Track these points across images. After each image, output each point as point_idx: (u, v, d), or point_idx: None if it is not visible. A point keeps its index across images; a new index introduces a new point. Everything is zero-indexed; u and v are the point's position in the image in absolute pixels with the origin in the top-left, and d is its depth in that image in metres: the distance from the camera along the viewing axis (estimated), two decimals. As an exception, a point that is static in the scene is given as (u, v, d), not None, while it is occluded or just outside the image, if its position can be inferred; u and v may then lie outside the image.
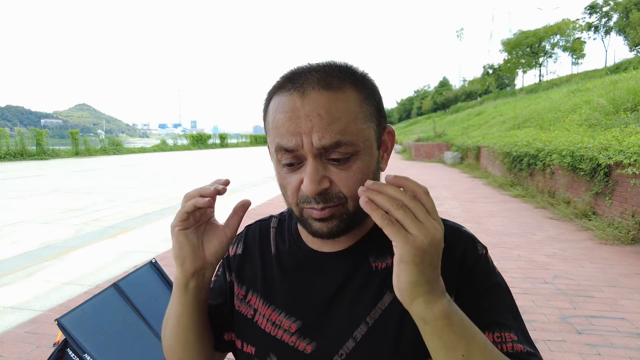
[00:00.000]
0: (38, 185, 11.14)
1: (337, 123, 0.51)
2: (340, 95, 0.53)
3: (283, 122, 0.53)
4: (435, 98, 64.95)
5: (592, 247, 4.63)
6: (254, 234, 0.74)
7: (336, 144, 0.51)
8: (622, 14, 31.07)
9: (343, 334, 0.59)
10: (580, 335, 2.61)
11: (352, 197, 0.55)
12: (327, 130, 0.51)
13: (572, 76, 31.46)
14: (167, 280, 2.83)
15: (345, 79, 0.55)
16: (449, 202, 7.73)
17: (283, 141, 0.53)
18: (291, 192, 0.56)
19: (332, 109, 0.52)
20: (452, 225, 0.64)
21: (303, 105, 0.52)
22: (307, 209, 0.56)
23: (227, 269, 0.73)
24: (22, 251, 4.74)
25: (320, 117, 0.51)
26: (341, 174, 0.53)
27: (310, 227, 0.57)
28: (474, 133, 18.99)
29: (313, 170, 0.52)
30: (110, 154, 27.49)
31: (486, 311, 0.57)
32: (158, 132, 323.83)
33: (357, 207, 0.55)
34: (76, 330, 1.76)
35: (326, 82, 0.53)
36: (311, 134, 0.51)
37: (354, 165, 0.54)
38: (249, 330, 0.66)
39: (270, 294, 0.66)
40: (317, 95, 0.52)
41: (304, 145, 0.52)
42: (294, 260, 0.66)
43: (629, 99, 8.66)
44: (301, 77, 0.54)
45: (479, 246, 0.62)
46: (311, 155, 0.52)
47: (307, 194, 0.54)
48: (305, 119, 0.51)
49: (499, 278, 0.61)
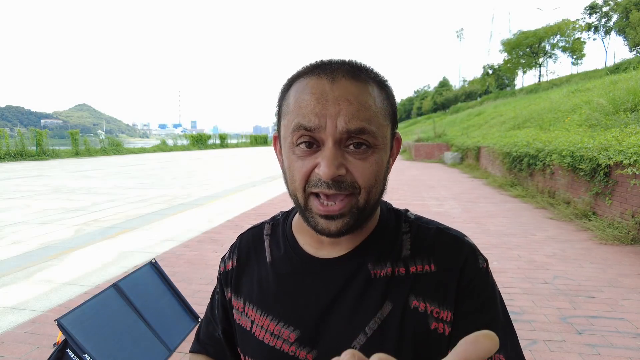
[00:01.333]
0: (38, 185, 11.14)
1: (364, 111, 0.52)
2: (367, 88, 0.54)
3: (308, 102, 0.52)
4: (435, 98, 64.97)
5: (592, 247, 4.63)
6: (248, 244, 0.72)
7: (361, 130, 0.51)
8: (622, 14, 31.08)
9: (342, 343, 0.58)
10: (580, 335, 2.61)
11: (365, 188, 0.54)
12: (354, 115, 0.51)
13: (572, 76, 31.48)
14: (167, 281, 2.83)
15: (370, 76, 0.56)
16: (449, 202, 7.73)
17: (304, 120, 0.52)
18: (300, 177, 0.54)
19: (361, 97, 0.52)
20: (454, 233, 0.63)
21: (332, 90, 0.52)
22: (313, 199, 0.54)
23: (224, 285, 0.72)
24: (22, 251, 4.73)
25: (349, 102, 0.52)
26: (358, 163, 0.53)
27: (316, 225, 0.55)
28: (473, 133, 19.00)
29: (332, 154, 0.51)
30: (110, 154, 27.49)
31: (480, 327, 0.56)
32: (158, 132, 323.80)
33: (367, 200, 0.55)
34: (76, 331, 1.76)
35: (355, 74, 0.54)
36: (337, 117, 0.51)
37: (371, 157, 0.53)
38: (248, 343, 0.65)
39: (267, 304, 0.64)
40: (346, 83, 0.53)
41: (327, 128, 0.51)
42: (290, 266, 0.64)
43: (628, 99, 8.66)
44: (331, 65, 0.55)
45: (480, 259, 0.61)
46: (332, 139, 0.51)
47: (322, 178, 0.52)
48: (333, 103, 0.51)
49: (495, 293, 0.60)
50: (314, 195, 0.54)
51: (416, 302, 0.57)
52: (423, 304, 0.57)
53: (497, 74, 48.30)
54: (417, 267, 0.59)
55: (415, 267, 0.59)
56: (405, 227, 0.64)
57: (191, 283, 3.56)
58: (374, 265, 0.60)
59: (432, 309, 0.57)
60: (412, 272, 0.59)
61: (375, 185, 0.55)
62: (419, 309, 0.57)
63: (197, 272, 3.86)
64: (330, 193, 0.52)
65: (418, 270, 0.59)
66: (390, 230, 0.63)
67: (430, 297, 0.57)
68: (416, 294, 0.58)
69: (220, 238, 5.18)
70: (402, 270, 0.59)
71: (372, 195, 0.55)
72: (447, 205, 7.42)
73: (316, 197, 0.54)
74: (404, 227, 0.64)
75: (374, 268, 0.60)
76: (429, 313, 0.57)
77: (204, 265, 4.08)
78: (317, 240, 0.63)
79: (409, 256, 0.60)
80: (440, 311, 0.57)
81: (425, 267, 0.59)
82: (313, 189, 0.54)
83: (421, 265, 0.59)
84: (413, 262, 0.60)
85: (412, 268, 0.59)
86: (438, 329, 0.56)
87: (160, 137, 54.87)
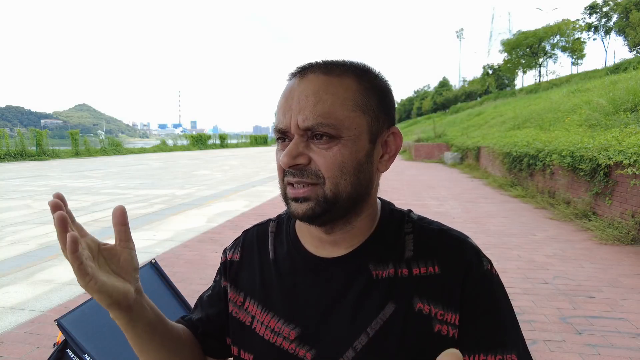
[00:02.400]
0: (38, 185, 11.14)
1: (321, 104, 0.54)
2: (335, 80, 0.55)
3: (280, 102, 0.58)
4: (435, 98, 64.93)
5: (592, 248, 4.63)
6: (252, 240, 0.73)
7: (318, 125, 0.53)
8: (622, 14, 31.07)
9: (343, 342, 0.58)
10: (580, 335, 2.61)
11: (330, 178, 0.55)
12: (311, 111, 0.53)
13: (571, 76, 31.46)
14: (167, 281, 2.82)
15: (348, 70, 0.57)
16: (449, 203, 7.73)
17: (278, 122, 0.57)
18: (278, 169, 0.59)
19: (321, 90, 0.54)
20: (457, 235, 0.62)
21: (298, 86, 0.56)
22: (287, 186, 0.58)
23: (223, 274, 0.73)
24: (22, 251, 4.74)
25: (307, 97, 0.54)
26: (321, 152, 0.55)
27: (289, 208, 0.58)
28: (473, 133, 18.99)
29: (292, 145, 0.55)
30: (110, 155, 27.50)
31: (488, 332, 0.56)
32: (158, 132, 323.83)
33: (335, 192, 0.55)
34: (76, 331, 1.76)
35: (327, 69, 0.56)
36: (297, 115, 0.54)
37: (334, 148, 0.54)
38: (247, 338, 0.65)
39: (269, 300, 0.65)
40: (313, 78, 0.55)
41: (291, 126, 0.55)
42: (292, 265, 0.65)
43: (628, 99, 8.66)
44: (309, 65, 0.58)
45: (484, 261, 0.60)
46: (297, 134, 0.55)
47: (282, 166, 0.56)
48: (296, 99, 0.55)
49: (502, 295, 0.60)
50: (290, 185, 0.58)
51: (421, 304, 0.57)
52: (427, 306, 0.57)
53: (497, 74, 48.28)
54: (420, 269, 0.59)
55: (419, 268, 0.59)
56: (408, 228, 0.63)
57: (191, 283, 3.56)
58: (375, 266, 0.60)
59: (437, 311, 0.57)
60: (415, 274, 0.59)
61: (342, 176, 0.55)
62: (424, 311, 0.57)
63: (197, 272, 3.86)
64: (294, 180, 0.56)
65: (422, 272, 0.59)
66: (392, 231, 0.63)
67: (435, 299, 0.57)
68: (420, 296, 0.58)
69: (220, 238, 5.18)
70: (405, 271, 0.59)
71: (342, 187, 0.55)
72: (447, 206, 7.42)
73: (291, 186, 0.58)
74: (406, 228, 0.63)
75: (376, 269, 0.60)
76: (433, 315, 0.57)
77: (204, 265, 4.07)
78: (317, 238, 0.63)
79: (412, 257, 0.60)
80: (444, 313, 0.57)
81: (429, 269, 0.59)
82: (285, 180, 0.58)
83: (425, 267, 0.59)
84: (416, 264, 0.60)
85: (416, 270, 0.59)
86: (442, 331, 0.56)
87: (160, 137, 54.92)
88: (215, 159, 24.77)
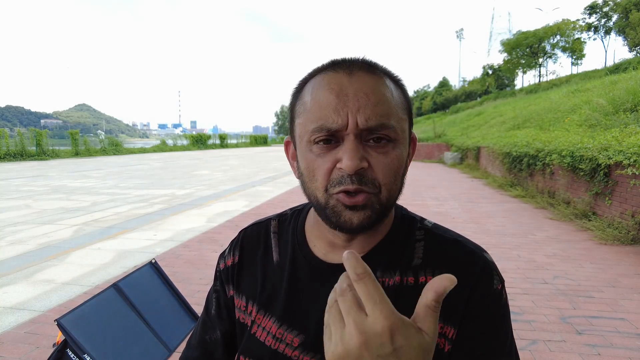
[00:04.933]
0: (38, 185, 11.13)
1: (382, 105, 0.52)
2: (383, 81, 0.54)
3: (328, 98, 0.52)
4: (435, 98, 64.92)
5: (592, 248, 4.63)
6: (252, 239, 0.69)
7: (381, 126, 0.51)
8: (622, 15, 31.09)
9: None
10: (580, 335, 2.61)
11: (385, 185, 0.53)
12: (373, 110, 0.51)
13: (571, 76, 31.46)
14: (167, 281, 2.82)
15: (385, 72, 0.56)
16: (449, 203, 7.73)
17: (328, 121, 0.51)
18: (322, 175, 0.53)
19: (378, 90, 0.52)
20: (471, 248, 0.60)
21: (351, 82, 0.52)
22: (336, 194, 0.52)
23: (225, 282, 0.69)
24: (22, 251, 4.73)
25: (367, 96, 0.51)
26: (379, 157, 0.52)
27: (339, 217, 0.53)
28: (473, 133, 19.00)
29: (354, 147, 0.50)
30: (110, 154, 27.50)
31: (483, 354, 0.55)
32: (158, 132, 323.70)
33: (389, 197, 0.54)
34: (76, 331, 1.76)
35: (370, 68, 0.54)
36: (357, 113, 0.50)
37: (392, 152, 0.53)
38: (249, 343, 0.63)
39: (271, 305, 0.63)
40: (364, 76, 0.53)
41: (349, 125, 0.50)
42: (298, 270, 0.63)
43: (628, 99, 8.66)
44: (346, 61, 0.55)
45: (495, 279, 0.57)
46: (353, 134, 0.51)
47: (346, 171, 0.50)
48: (352, 97, 0.51)
49: (505, 318, 0.57)
50: (344, 193, 0.52)
51: None
52: None
53: (497, 74, 48.28)
54: (427, 278, 0.58)
55: (425, 277, 0.58)
56: (420, 235, 0.62)
57: (191, 283, 3.56)
58: (382, 273, 0.58)
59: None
60: (421, 282, 0.57)
61: (395, 182, 0.54)
62: None
63: (197, 272, 3.86)
64: (354, 188, 0.51)
65: (427, 281, 0.58)
66: (402, 238, 0.61)
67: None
68: None
69: (220, 238, 5.18)
70: (412, 279, 0.58)
71: (392, 192, 0.54)
72: (447, 206, 7.42)
73: (345, 194, 0.52)
74: (417, 235, 0.62)
75: (383, 276, 0.58)
76: None
77: (204, 265, 4.08)
78: (329, 243, 0.61)
79: (420, 265, 0.59)
80: (444, 326, 0.55)
81: None
82: (336, 189, 0.52)
83: (431, 276, 0.57)
84: (423, 272, 0.58)
85: (422, 278, 0.58)
86: (439, 344, 0.55)
87: (160, 137, 54.89)
88: (215, 159, 24.77)
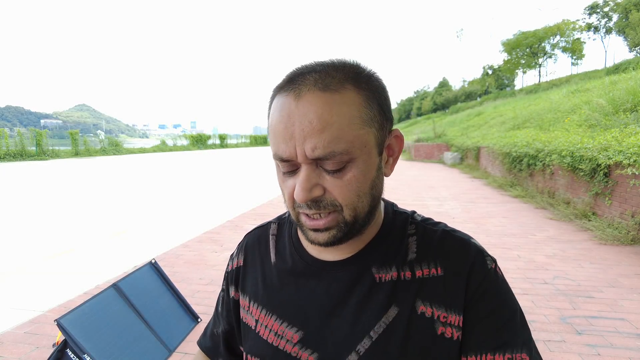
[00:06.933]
0: (38, 185, 11.13)
1: (329, 130, 0.49)
2: (337, 97, 0.50)
3: (278, 127, 0.51)
4: (435, 98, 64.96)
5: (592, 248, 4.63)
6: (254, 243, 0.73)
7: (330, 154, 0.49)
8: (622, 15, 31.10)
9: (346, 346, 0.58)
10: (580, 335, 2.61)
11: (347, 205, 0.53)
12: (319, 139, 0.49)
13: (571, 77, 31.50)
14: (167, 281, 2.82)
15: (346, 79, 0.51)
16: (448, 203, 7.73)
17: (279, 150, 0.52)
18: (288, 197, 0.55)
19: (325, 113, 0.49)
20: (460, 236, 0.62)
21: (297, 108, 0.50)
22: (302, 214, 0.55)
23: (229, 284, 0.73)
24: (22, 251, 4.73)
25: (311, 123, 0.49)
26: (335, 182, 0.52)
27: (307, 235, 0.57)
28: (473, 133, 19.00)
29: (304, 178, 0.51)
30: (109, 155, 27.50)
31: (496, 331, 0.56)
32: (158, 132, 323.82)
33: (354, 215, 0.54)
34: (76, 331, 1.76)
35: (324, 84, 0.50)
36: (304, 143, 0.49)
37: (348, 174, 0.52)
38: (253, 341, 0.66)
39: (272, 304, 0.65)
40: (311, 98, 0.49)
41: (298, 156, 0.50)
42: (295, 268, 0.65)
43: (628, 99, 8.66)
44: (300, 77, 0.52)
45: (488, 260, 0.59)
46: (305, 163, 0.51)
47: (297, 201, 0.53)
48: (298, 125, 0.49)
49: (507, 293, 0.59)
50: (305, 215, 0.55)
51: (423, 307, 0.57)
52: (430, 309, 0.57)
53: (497, 74, 48.29)
54: (423, 271, 0.59)
55: (422, 271, 0.59)
56: (411, 230, 0.63)
57: (191, 283, 3.55)
58: (378, 269, 0.60)
59: (439, 313, 0.56)
60: (418, 276, 0.59)
61: (359, 199, 0.53)
62: (426, 314, 0.57)
63: (197, 272, 3.86)
64: (310, 213, 0.53)
65: (424, 275, 0.59)
66: (395, 234, 0.62)
67: (437, 301, 0.57)
68: (423, 299, 0.57)
69: (220, 238, 5.18)
70: (409, 274, 0.59)
71: (360, 209, 0.54)
72: (447, 206, 7.42)
73: (306, 216, 0.55)
74: (409, 230, 0.63)
75: (378, 272, 0.60)
76: (436, 318, 0.56)
77: (204, 266, 4.07)
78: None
79: (415, 260, 0.60)
80: (447, 315, 0.56)
81: (432, 271, 0.58)
82: (300, 210, 0.55)
83: (427, 269, 0.59)
84: (419, 266, 0.59)
85: (419, 272, 0.59)
86: (445, 333, 0.56)
87: (160, 137, 54.85)
88: (215, 159, 24.76)
